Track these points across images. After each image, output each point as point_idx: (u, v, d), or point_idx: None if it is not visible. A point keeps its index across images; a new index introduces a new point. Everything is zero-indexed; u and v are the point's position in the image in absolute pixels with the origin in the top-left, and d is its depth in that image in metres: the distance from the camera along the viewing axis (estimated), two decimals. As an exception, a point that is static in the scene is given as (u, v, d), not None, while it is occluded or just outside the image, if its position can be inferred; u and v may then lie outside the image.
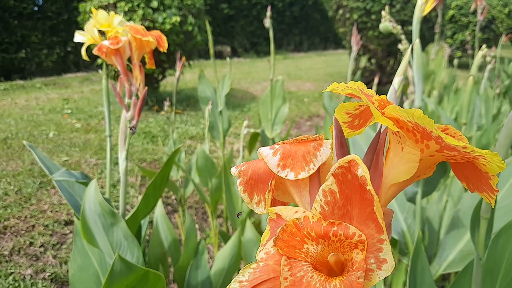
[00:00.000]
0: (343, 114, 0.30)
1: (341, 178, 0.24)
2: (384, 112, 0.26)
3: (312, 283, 0.23)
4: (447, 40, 8.16)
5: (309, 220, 0.24)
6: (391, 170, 0.28)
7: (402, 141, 0.27)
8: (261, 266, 0.24)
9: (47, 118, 3.92)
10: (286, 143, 0.31)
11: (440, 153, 0.27)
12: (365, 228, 0.24)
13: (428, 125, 0.25)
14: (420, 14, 1.12)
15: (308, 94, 5.75)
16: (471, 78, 1.27)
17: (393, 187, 0.29)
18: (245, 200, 0.31)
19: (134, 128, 0.91)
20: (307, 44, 12.26)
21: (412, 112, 0.25)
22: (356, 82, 0.29)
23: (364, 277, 0.23)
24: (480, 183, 0.28)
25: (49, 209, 2.32)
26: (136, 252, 0.95)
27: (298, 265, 0.24)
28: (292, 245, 0.24)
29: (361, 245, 0.23)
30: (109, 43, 0.93)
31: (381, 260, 0.23)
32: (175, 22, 3.85)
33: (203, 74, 2.06)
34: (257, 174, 0.31)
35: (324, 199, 0.24)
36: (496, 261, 0.73)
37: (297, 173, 0.28)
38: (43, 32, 7.40)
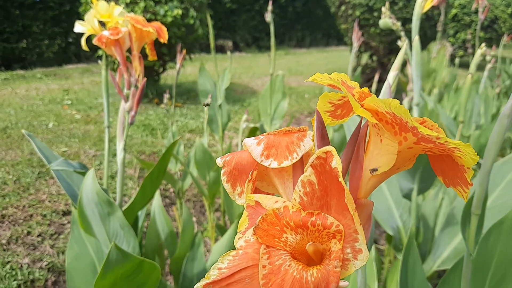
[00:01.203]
0: (326, 103, 0.31)
1: (320, 169, 0.25)
2: (363, 104, 0.26)
3: (290, 271, 0.23)
4: (449, 39, 8.15)
5: (288, 210, 0.25)
6: (371, 162, 0.29)
7: (381, 133, 0.28)
8: (240, 254, 0.25)
9: (47, 109, 3.92)
10: (271, 134, 0.31)
11: (418, 145, 0.27)
12: (343, 219, 0.24)
13: (404, 115, 0.25)
14: (420, 10, 1.12)
15: (309, 90, 5.74)
16: (470, 77, 1.27)
17: (373, 178, 0.29)
18: (227, 190, 0.32)
19: (133, 118, 0.92)
20: (309, 40, 12.24)
21: (389, 102, 0.25)
22: (339, 74, 0.29)
23: (340, 266, 0.23)
24: (456, 177, 0.28)
25: (47, 199, 2.33)
26: (132, 241, 0.96)
27: (277, 254, 0.24)
28: (271, 234, 0.24)
29: (338, 235, 0.24)
30: (109, 33, 0.94)
31: (357, 250, 0.24)
32: (177, 15, 3.84)
33: (203, 67, 2.06)
34: (241, 165, 0.31)
35: (303, 189, 0.25)
36: (486, 258, 0.74)
37: (280, 162, 0.29)
38: (45, 22, 7.39)
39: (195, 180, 1.81)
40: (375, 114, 0.26)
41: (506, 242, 0.73)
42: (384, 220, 1.27)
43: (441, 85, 3.34)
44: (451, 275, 0.78)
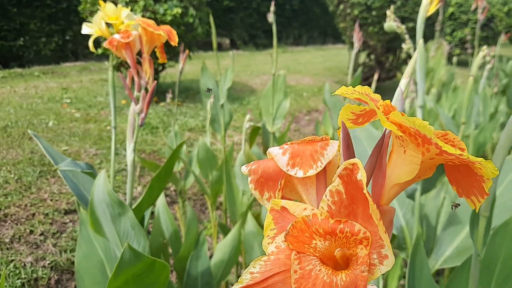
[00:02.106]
0: (349, 113, 0.32)
1: (347, 179, 0.26)
2: (388, 117, 0.28)
3: (320, 276, 0.25)
4: (446, 38, 8.18)
5: (317, 218, 0.26)
6: (394, 171, 0.30)
7: (405, 144, 0.29)
8: (272, 260, 0.26)
9: (46, 107, 3.91)
10: (294, 143, 0.32)
11: (440, 156, 0.28)
12: (369, 226, 0.25)
13: (427, 133, 0.27)
14: (425, 14, 1.13)
15: (307, 88, 5.76)
16: (471, 79, 1.29)
17: (396, 187, 0.31)
18: (256, 196, 0.33)
19: (143, 120, 0.93)
20: (306, 38, 12.24)
21: (413, 120, 0.27)
22: (363, 87, 0.31)
23: (367, 271, 0.25)
24: (471, 187, 0.30)
25: (49, 197, 2.34)
26: (143, 241, 0.97)
27: (307, 259, 0.25)
28: (301, 240, 0.26)
29: (365, 241, 0.25)
30: (120, 36, 0.95)
31: (383, 255, 0.25)
32: (176, 14, 3.84)
33: (205, 67, 2.07)
34: (267, 173, 0.33)
35: (331, 199, 0.26)
36: (492, 257, 0.76)
37: (305, 171, 0.30)
38: (42, 20, 7.36)
39: (198, 179, 1.82)
40: (399, 126, 0.28)
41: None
42: (388, 220, 1.28)
43: (439, 84, 3.36)
44: (459, 275, 0.80)
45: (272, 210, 0.28)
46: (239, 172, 1.82)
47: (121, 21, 1.11)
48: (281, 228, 0.27)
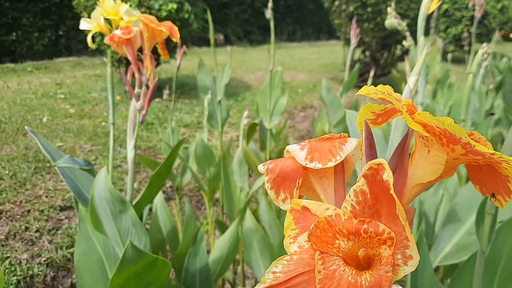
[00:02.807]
0: (368, 113, 0.32)
1: (371, 179, 0.26)
2: (414, 117, 0.28)
3: (345, 276, 0.25)
4: (440, 34, 8.22)
5: (340, 218, 0.26)
6: (416, 171, 0.30)
7: (429, 144, 0.29)
8: (295, 259, 0.26)
9: (40, 103, 3.89)
10: (312, 140, 0.32)
11: (465, 156, 0.28)
12: (393, 226, 0.25)
13: (458, 132, 0.26)
14: (426, 11, 1.13)
15: (302, 84, 5.76)
16: (471, 76, 1.29)
17: (417, 187, 0.31)
18: (271, 197, 0.33)
19: (144, 117, 0.93)
20: (300, 34, 12.24)
21: (442, 120, 0.26)
22: (384, 86, 0.31)
23: (391, 271, 0.25)
24: (496, 186, 0.29)
25: (44, 194, 2.32)
26: (144, 239, 0.97)
27: (331, 259, 0.25)
28: (324, 240, 0.26)
29: (389, 242, 0.25)
30: (121, 32, 0.94)
31: (407, 256, 0.25)
32: (172, 9, 3.82)
33: (202, 63, 2.06)
34: (284, 172, 0.33)
35: (355, 199, 0.26)
36: (496, 254, 0.76)
37: (324, 163, 0.30)
38: (35, 14, 7.30)
39: (195, 176, 1.82)
40: (423, 126, 0.28)
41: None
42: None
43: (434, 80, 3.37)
44: (464, 271, 0.80)
45: (292, 210, 0.28)
46: (236, 168, 1.82)
47: (120, 17, 1.11)
48: (303, 228, 0.27)
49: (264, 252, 1.46)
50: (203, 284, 1.43)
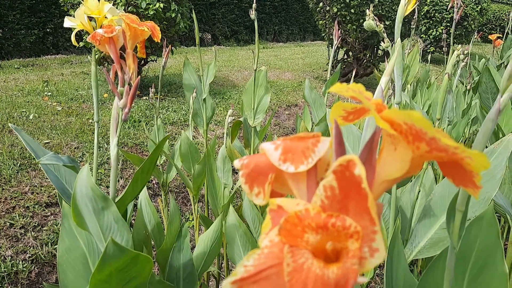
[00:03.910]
0: (340, 110, 0.33)
1: (340, 175, 0.26)
2: (382, 115, 0.28)
3: (312, 269, 0.25)
4: (422, 36, 8.34)
5: (309, 212, 0.26)
6: (384, 168, 0.31)
7: (396, 142, 0.30)
8: (265, 253, 0.26)
9: (27, 100, 3.87)
10: (287, 139, 0.33)
11: (429, 154, 0.29)
12: (360, 220, 0.26)
13: (424, 126, 0.27)
14: (403, 14, 1.16)
15: (287, 83, 5.79)
16: (446, 76, 1.34)
17: (384, 183, 0.31)
18: (245, 191, 0.33)
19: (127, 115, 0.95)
20: (286, 34, 12.27)
21: (410, 114, 0.27)
22: (357, 85, 0.32)
23: (358, 264, 0.25)
24: (465, 180, 0.30)
25: (30, 191, 2.33)
26: (126, 235, 0.99)
27: (300, 253, 0.26)
28: (294, 234, 0.26)
29: (356, 235, 0.25)
30: (104, 31, 0.96)
31: (374, 249, 0.25)
32: (158, 8, 3.83)
33: (188, 62, 2.08)
34: (259, 168, 0.33)
35: (324, 193, 0.26)
36: (467, 249, 0.79)
37: (296, 167, 0.30)
38: (21, 11, 7.23)
39: (180, 173, 1.84)
40: (391, 124, 0.28)
41: (486, 234, 0.78)
42: (365, 212, 1.33)
43: (414, 80, 3.43)
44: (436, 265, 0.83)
45: (270, 210, 0.29)
46: (220, 165, 1.84)
47: (104, 15, 1.13)
48: (276, 224, 0.28)
49: (246, 247, 1.49)
50: (187, 278, 1.46)
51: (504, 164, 1.17)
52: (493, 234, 0.75)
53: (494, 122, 0.60)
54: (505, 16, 13.95)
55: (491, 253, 0.75)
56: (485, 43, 13.23)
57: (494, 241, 0.75)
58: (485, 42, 13.42)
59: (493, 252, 0.74)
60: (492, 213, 0.76)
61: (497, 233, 0.75)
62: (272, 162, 0.31)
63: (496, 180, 1.16)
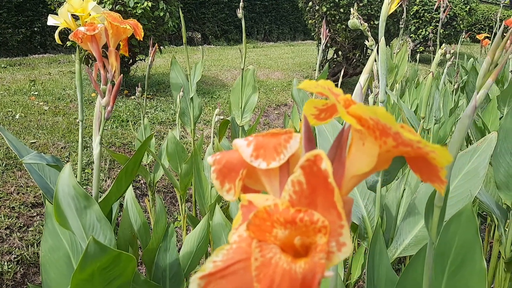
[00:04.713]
0: (312, 108, 0.32)
1: (308, 170, 0.26)
2: (349, 111, 0.28)
3: (280, 263, 0.25)
4: (411, 35, 8.40)
5: (278, 207, 0.26)
6: (353, 163, 0.31)
7: (363, 137, 0.30)
8: (234, 248, 0.26)
9: (13, 99, 3.84)
10: (259, 135, 0.32)
11: (396, 149, 0.29)
12: (328, 215, 0.26)
13: (388, 121, 0.27)
14: (386, 12, 1.16)
15: (277, 83, 5.80)
16: (430, 75, 1.35)
17: (354, 178, 0.31)
18: (216, 186, 0.33)
19: (109, 114, 0.95)
20: (276, 33, 12.28)
21: (375, 110, 0.27)
22: (326, 81, 0.31)
23: (326, 258, 0.25)
24: (431, 175, 0.30)
25: (15, 191, 2.31)
26: (109, 234, 0.98)
27: (268, 247, 0.26)
28: (262, 229, 0.26)
29: (324, 230, 0.25)
30: (86, 29, 0.95)
31: (341, 243, 0.25)
32: (146, 7, 3.82)
33: (175, 61, 2.08)
34: (231, 164, 0.33)
35: (292, 188, 0.26)
36: (446, 245, 0.80)
37: (268, 163, 0.30)
38: (8, 10, 7.17)
39: (167, 172, 1.83)
40: (358, 120, 0.28)
41: (465, 230, 0.78)
42: (350, 210, 1.33)
43: (403, 80, 3.45)
44: (415, 263, 0.84)
45: (242, 206, 0.29)
46: (207, 164, 1.84)
47: (88, 13, 1.12)
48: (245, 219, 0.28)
49: (232, 246, 1.49)
50: (174, 278, 1.45)
51: (487, 162, 1.18)
52: (472, 230, 0.75)
53: (471, 118, 0.60)
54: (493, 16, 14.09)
55: (470, 249, 0.75)
56: (474, 43, 13.34)
57: (473, 237, 0.75)
58: (474, 42, 13.54)
59: (472, 248, 0.75)
60: (471, 209, 0.77)
61: (476, 229, 0.75)
62: (244, 159, 0.31)
63: (479, 177, 1.17)
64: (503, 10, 13.76)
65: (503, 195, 1.44)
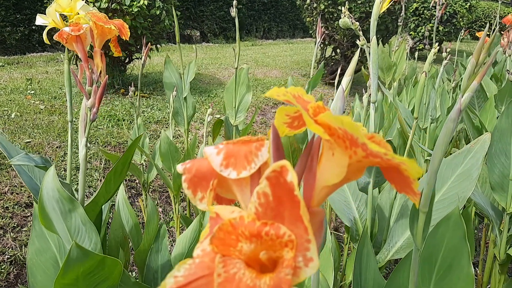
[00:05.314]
0: (283, 116, 0.31)
1: (274, 181, 0.25)
2: (317, 119, 0.27)
3: (244, 280, 0.24)
4: (411, 33, 8.37)
5: (244, 220, 0.25)
6: (323, 173, 0.30)
7: (333, 147, 0.29)
8: (196, 263, 0.25)
9: (9, 98, 3.82)
10: (230, 143, 0.31)
11: (367, 159, 0.28)
12: (295, 229, 0.25)
13: (354, 131, 0.26)
14: (378, 11, 1.15)
15: (275, 81, 5.78)
16: (423, 75, 1.33)
17: (325, 189, 0.30)
18: (189, 196, 0.32)
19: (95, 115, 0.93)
20: (275, 31, 12.26)
21: (341, 119, 0.26)
22: (295, 88, 0.30)
23: (292, 274, 0.24)
24: (405, 187, 0.29)
25: (9, 191, 2.30)
26: (94, 237, 0.97)
27: (232, 262, 0.25)
28: (227, 243, 0.25)
29: (290, 244, 0.24)
30: (70, 29, 0.94)
31: (308, 258, 0.24)
32: (143, 5, 3.80)
33: (169, 60, 2.06)
34: (201, 172, 0.32)
35: (258, 200, 0.25)
36: (434, 250, 0.78)
37: (239, 172, 0.29)
38: (6, 8, 7.15)
39: (160, 172, 1.82)
40: (327, 129, 0.27)
41: (453, 235, 0.77)
42: (342, 212, 1.31)
43: (401, 78, 3.43)
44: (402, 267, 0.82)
45: (210, 219, 0.28)
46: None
47: (76, 13, 1.10)
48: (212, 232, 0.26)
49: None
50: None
51: (480, 163, 1.16)
52: (460, 234, 0.74)
53: (456, 122, 0.59)
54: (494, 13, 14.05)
55: (458, 254, 0.74)
56: (474, 41, 13.32)
57: (461, 242, 0.74)
58: (474, 39, 13.51)
59: (459, 253, 0.74)
60: (459, 213, 0.75)
61: (463, 233, 0.74)
62: (214, 167, 0.30)
63: (473, 179, 1.16)
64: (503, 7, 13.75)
65: (497, 197, 1.43)
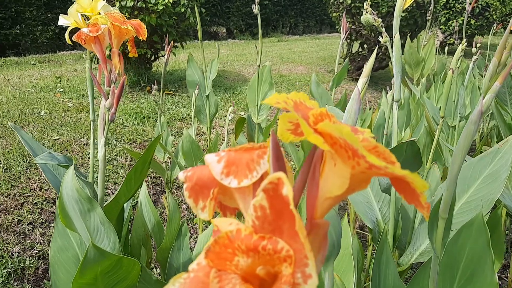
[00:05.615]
0: (286, 123, 0.30)
1: (272, 193, 0.24)
2: (317, 128, 0.26)
3: None
4: (441, 27, 8.16)
5: (241, 233, 0.24)
6: (326, 184, 0.29)
7: (335, 157, 0.28)
8: (191, 277, 0.24)
9: (39, 96, 3.91)
10: (232, 150, 0.31)
11: (370, 170, 0.27)
12: (294, 243, 0.24)
13: (354, 143, 0.25)
14: (401, 7, 1.12)
15: (300, 77, 5.74)
16: (450, 72, 1.29)
17: (328, 200, 0.29)
18: (190, 205, 0.31)
19: (113, 115, 0.93)
20: (302, 26, 12.17)
21: (341, 128, 0.25)
22: (298, 94, 0.29)
23: None
24: (413, 198, 0.28)
25: (38, 187, 2.35)
26: (113, 237, 0.97)
27: (228, 277, 0.24)
28: (223, 257, 0.24)
29: (289, 260, 0.24)
30: (88, 30, 0.94)
31: (307, 275, 0.24)
32: (168, 3, 3.82)
33: (191, 58, 2.06)
34: (202, 181, 0.31)
35: (255, 213, 0.25)
36: (456, 257, 0.75)
37: (240, 181, 0.29)
38: (38, 8, 7.32)
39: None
40: (329, 138, 0.26)
41: (475, 242, 0.73)
42: (364, 214, 1.29)
43: (429, 74, 3.35)
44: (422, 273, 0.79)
45: (213, 232, 0.27)
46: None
47: (98, 13, 1.11)
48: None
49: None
50: (188, 278, 1.44)
51: (509, 164, 1.12)
52: (483, 241, 0.71)
53: (477, 124, 0.56)
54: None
55: (481, 262, 0.70)
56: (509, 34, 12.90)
57: (484, 249, 0.70)
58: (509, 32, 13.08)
59: (483, 261, 0.70)
60: (482, 219, 0.72)
61: (487, 241, 0.70)
62: (214, 176, 0.29)
63: (501, 181, 1.12)
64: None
65: (528, 198, 1.37)
